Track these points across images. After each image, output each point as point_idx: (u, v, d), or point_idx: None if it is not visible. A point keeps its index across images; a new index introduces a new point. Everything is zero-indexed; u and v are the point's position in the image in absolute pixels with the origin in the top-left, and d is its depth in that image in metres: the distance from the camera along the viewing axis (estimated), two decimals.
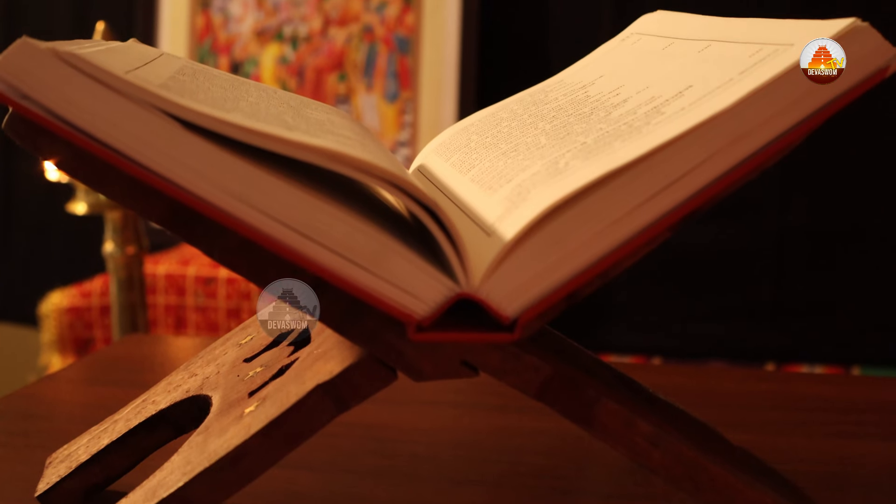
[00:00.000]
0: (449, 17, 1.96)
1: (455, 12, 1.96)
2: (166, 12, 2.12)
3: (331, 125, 0.57)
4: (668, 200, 0.49)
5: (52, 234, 2.27)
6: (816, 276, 1.91)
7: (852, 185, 1.88)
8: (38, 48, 0.46)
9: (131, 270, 1.45)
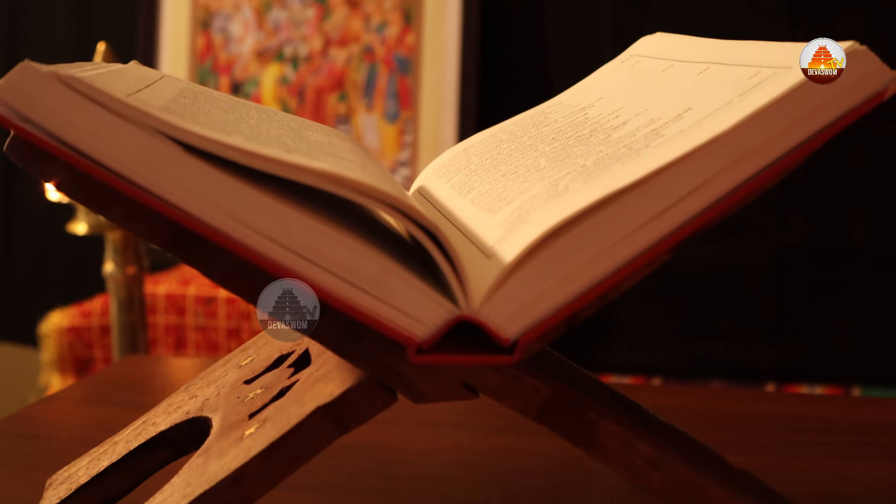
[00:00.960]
0: (449, 37, 1.97)
1: (455, 33, 1.96)
2: (167, 32, 2.12)
3: (331, 147, 0.58)
4: (668, 223, 0.49)
5: (53, 254, 2.27)
6: (816, 296, 1.91)
7: (852, 204, 1.88)
8: (40, 72, 0.46)
9: (131, 290, 1.45)
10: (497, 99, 1.99)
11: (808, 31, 1.78)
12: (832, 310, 1.90)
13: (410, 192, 0.67)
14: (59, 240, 1.93)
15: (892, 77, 0.49)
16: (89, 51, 1.45)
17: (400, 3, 2.01)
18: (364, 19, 2.03)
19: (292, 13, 2.07)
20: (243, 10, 2.09)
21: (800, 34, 1.79)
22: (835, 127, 0.49)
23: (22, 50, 2.28)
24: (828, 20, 1.79)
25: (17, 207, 2.31)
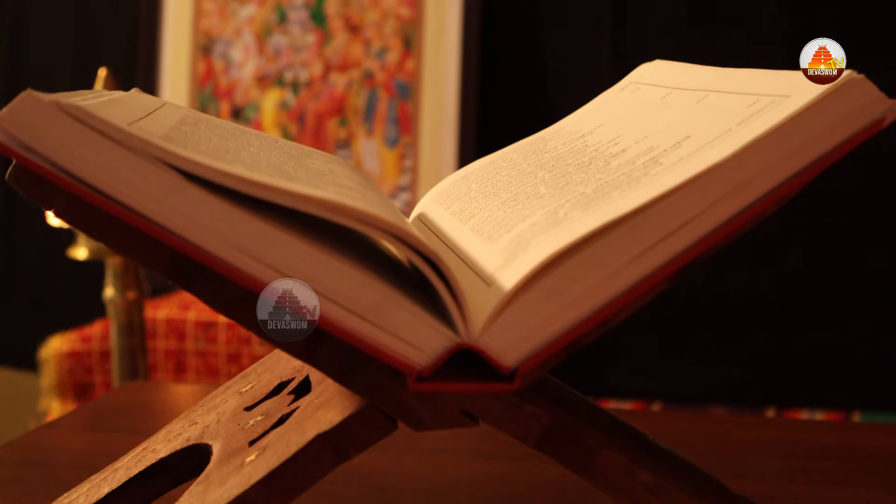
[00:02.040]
0: (449, 63, 1.98)
1: (455, 58, 1.97)
2: (168, 58, 2.13)
3: (332, 175, 0.58)
4: (667, 251, 0.49)
5: (53, 279, 2.27)
6: (817, 320, 1.91)
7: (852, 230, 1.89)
8: (42, 101, 0.46)
9: (132, 315, 1.45)
10: (497, 124, 1.99)
11: None
12: (833, 334, 1.90)
13: (410, 218, 0.68)
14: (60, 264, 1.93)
15: (890, 106, 0.49)
16: (90, 76, 1.45)
17: (400, 28, 2.02)
18: (364, 45, 2.04)
19: (293, 39, 2.08)
20: (244, 35, 2.10)
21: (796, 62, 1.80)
22: (833, 156, 0.49)
23: (23, 74, 2.28)
24: None
25: (17, 232, 2.31)
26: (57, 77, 2.26)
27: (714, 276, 1.87)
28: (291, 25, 2.08)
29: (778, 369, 1.91)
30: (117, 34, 2.22)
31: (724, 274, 1.87)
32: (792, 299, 1.91)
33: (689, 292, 1.87)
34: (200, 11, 2.13)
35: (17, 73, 2.30)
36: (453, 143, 1.96)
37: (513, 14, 2.00)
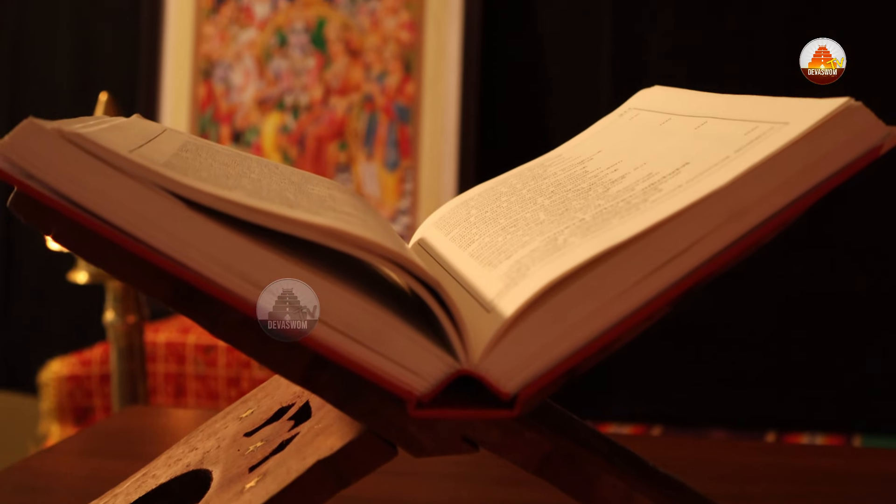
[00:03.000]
0: (449, 86, 1.98)
1: (455, 82, 1.98)
2: (169, 81, 2.14)
3: (332, 201, 0.58)
4: (666, 277, 0.49)
5: (53, 303, 2.27)
6: (817, 343, 1.91)
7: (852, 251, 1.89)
8: (44, 128, 0.47)
9: (132, 339, 1.45)
10: (496, 148, 2.00)
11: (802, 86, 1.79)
12: (833, 357, 1.90)
13: (410, 244, 0.68)
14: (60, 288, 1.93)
15: (888, 132, 0.50)
16: (91, 100, 1.46)
17: (400, 52, 2.02)
18: (364, 68, 2.04)
19: (293, 62, 2.08)
20: (244, 59, 2.11)
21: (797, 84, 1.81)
22: (831, 182, 0.49)
23: (24, 98, 2.29)
24: None
25: (17, 256, 2.31)
26: (57, 100, 2.26)
27: (715, 300, 1.87)
28: (292, 49, 2.09)
29: (778, 393, 1.91)
30: (118, 58, 2.23)
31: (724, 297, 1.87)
32: (792, 322, 1.91)
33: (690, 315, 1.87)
34: (201, 36, 2.13)
35: (17, 96, 2.31)
36: (453, 166, 1.96)
37: (512, 38, 2.01)
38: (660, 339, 1.88)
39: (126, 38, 2.21)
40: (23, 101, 2.29)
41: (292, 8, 2.10)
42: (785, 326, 1.91)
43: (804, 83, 1.82)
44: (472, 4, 1.98)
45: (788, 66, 1.81)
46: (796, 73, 1.68)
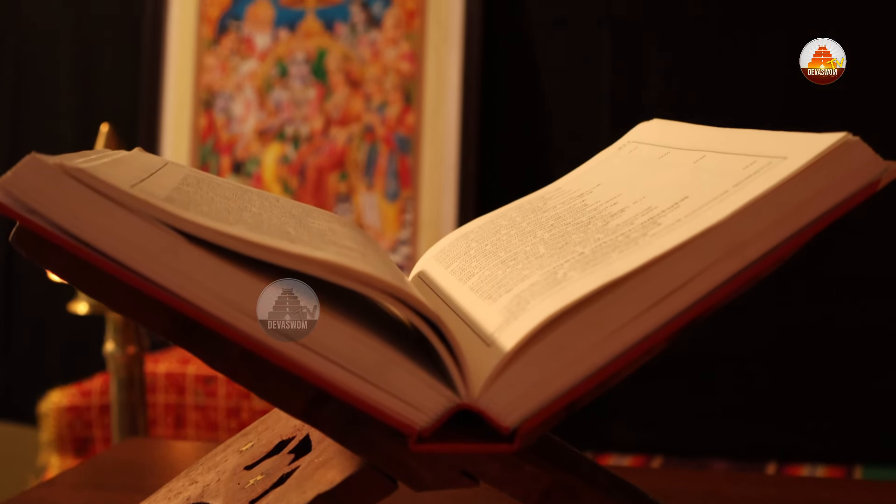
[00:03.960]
0: (449, 117, 1.99)
1: (455, 113, 1.98)
2: (169, 112, 2.14)
3: (332, 235, 0.58)
4: (666, 311, 0.49)
5: (53, 333, 2.27)
6: (818, 373, 1.90)
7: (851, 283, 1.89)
8: (47, 164, 0.47)
9: (132, 370, 1.45)
10: (496, 178, 2.00)
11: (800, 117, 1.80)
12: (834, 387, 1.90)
13: (410, 276, 0.68)
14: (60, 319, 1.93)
15: (885, 167, 0.50)
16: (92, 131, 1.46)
17: (400, 83, 2.03)
18: (365, 99, 2.05)
19: (294, 93, 2.09)
20: (245, 90, 2.11)
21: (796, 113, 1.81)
22: (829, 217, 0.50)
23: (25, 128, 2.30)
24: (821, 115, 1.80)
25: (17, 286, 2.31)
26: (59, 130, 2.27)
27: (714, 330, 1.87)
28: (292, 80, 2.09)
29: (779, 423, 1.91)
30: (119, 88, 2.24)
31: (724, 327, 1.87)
32: (793, 352, 1.91)
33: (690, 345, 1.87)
34: (202, 66, 2.14)
35: (19, 126, 2.31)
36: (453, 196, 1.97)
37: (513, 70, 2.01)
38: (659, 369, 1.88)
39: (127, 69, 2.21)
40: (24, 131, 2.30)
41: (293, 39, 2.11)
42: (785, 356, 1.91)
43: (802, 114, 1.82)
44: (472, 36, 1.99)
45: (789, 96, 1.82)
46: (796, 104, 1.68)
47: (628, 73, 1.95)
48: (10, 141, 2.31)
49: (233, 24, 2.13)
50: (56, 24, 2.27)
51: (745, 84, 1.90)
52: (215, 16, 2.14)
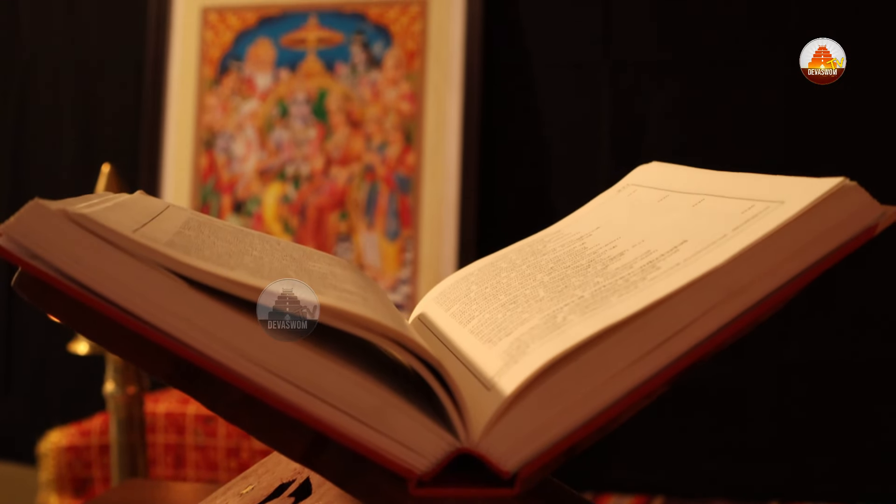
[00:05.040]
0: (449, 157, 1.99)
1: (455, 153, 1.99)
2: (171, 151, 2.15)
3: (333, 278, 0.59)
4: (665, 355, 0.50)
5: (53, 373, 2.27)
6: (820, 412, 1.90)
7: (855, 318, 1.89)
8: (50, 210, 0.47)
9: (132, 410, 1.45)
10: (497, 218, 2.01)
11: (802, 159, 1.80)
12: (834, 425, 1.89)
13: (411, 318, 0.68)
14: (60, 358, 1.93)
15: (883, 212, 0.50)
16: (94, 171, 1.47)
17: (401, 123, 2.04)
18: (365, 139, 2.06)
19: (294, 133, 2.10)
20: (246, 130, 2.12)
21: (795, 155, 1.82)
22: (827, 261, 0.50)
23: (27, 167, 2.30)
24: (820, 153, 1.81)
25: (18, 325, 2.31)
26: (60, 169, 2.27)
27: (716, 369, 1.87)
28: (293, 120, 2.10)
29: (781, 463, 1.90)
30: (121, 127, 2.25)
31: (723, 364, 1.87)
32: (794, 391, 1.91)
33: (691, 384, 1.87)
34: (203, 106, 2.15)
35: (20, 165, 2.32)
36: (453, 236, 1.97)
37: (512, 110, 2.02)
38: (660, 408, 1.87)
39: (129, 108, 2.22)
40: (26, 170, 2.30)
41: (294, 79, 2.12)
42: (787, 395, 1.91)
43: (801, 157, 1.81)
44: (472, 76, 2.00)
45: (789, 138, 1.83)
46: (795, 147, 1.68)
47: (628, 115, 1.96)
48: (11, 179, 2.31)
49: (234, 64, 2.14)
50: (58, 63, 2.29)
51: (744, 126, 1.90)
52: (216, 56, 2.16)
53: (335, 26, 2.10)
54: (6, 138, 2.33)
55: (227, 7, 2.17)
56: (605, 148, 1.95)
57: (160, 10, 2.18)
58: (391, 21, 2.09)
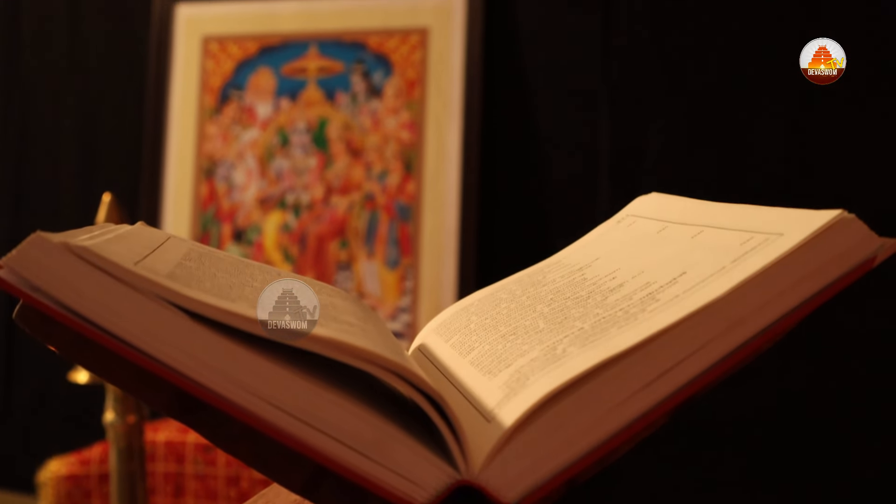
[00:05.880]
0: (449, 185, 2.00)
1: (455, 181, 2.00)
2: (171, 180, 2.16)
3: (333, 309, 0.59)
4: (665, 387, 0.50)
5: (53, 402, 2.27)
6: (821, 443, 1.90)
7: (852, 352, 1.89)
8: (52, 242, 0.47)
9: (131, 439, 1.45)
10: (497, 246, 2.01)
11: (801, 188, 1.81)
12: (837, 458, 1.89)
13: (411, 349, 0.68)
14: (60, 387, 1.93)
15: (881, 244, 0.50)
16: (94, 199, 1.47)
17: (401, 152, 2.04)
18: (365, 168, 2.06)
19: (295, 162, 2.10)
20: (247, 158, 2.13)
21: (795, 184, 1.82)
22: (826, 293, 0.50)
23: (28, 196, 2.31)
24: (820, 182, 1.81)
25: (18, 354, 2.31)
26: (61, 199, 2.28)
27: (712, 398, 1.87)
28: (293, 149, 2.11)
29: (782, 493, 1.90)
30: (121, 156, 2.25)
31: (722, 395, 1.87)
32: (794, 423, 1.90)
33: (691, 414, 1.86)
34: (204, 135, 2.16)
35: (21, 195, 2.33)
36: (453, 264, 1.97)
37: (512, 138, 2.03)
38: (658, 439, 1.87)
39: (130, 137, 2.23)
40: (27, 200, 2.31)
41: (294, 108, 2.12)
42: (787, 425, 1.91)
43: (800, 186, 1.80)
44: (472, 105, 2.01)
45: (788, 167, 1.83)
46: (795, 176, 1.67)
47: (628, 144, 1.96)
48: (12, 208, 2.32)
49: (235, 93, 2.15)
50: (59, 92, 2.29)
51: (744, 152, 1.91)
52: (217, 85, 2.16)
53: (335, 55, 2.11)
54: (7, 165, 2.34)
55: (228, 36, 2.19)
56: (605, 175, 1.96)
57: (161, 39, 2.19)
58: (391, 50, 2.10)
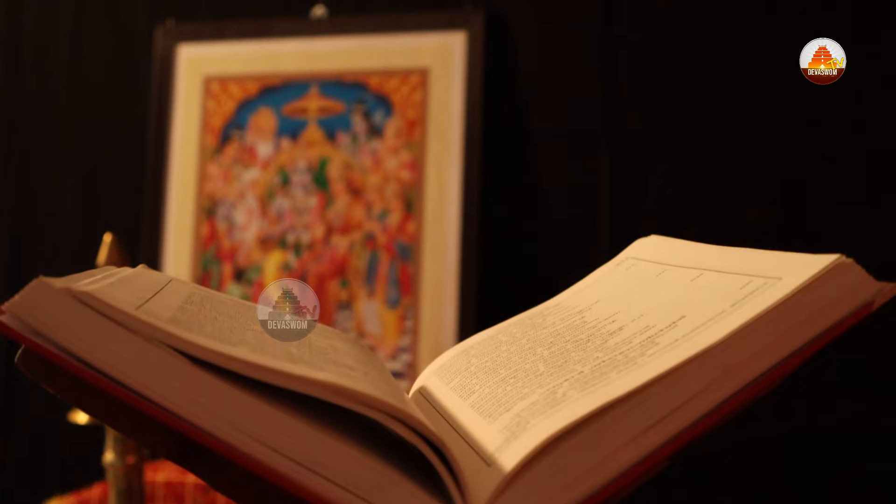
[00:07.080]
0: (450, 225, 2.00)
1: (455, 221, 2.00)
2: (172, 219, 2.16)
3: (334, 353, 0.59)
4: (665, 432, 0.50)
5: (52, 442, 2.26)
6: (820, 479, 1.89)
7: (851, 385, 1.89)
8: (54, 288, 0.48)
9: (131, 480, 1.44)
10: (497, 287, 2.01)
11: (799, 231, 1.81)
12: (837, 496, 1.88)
13: (411, 392, 0.68)
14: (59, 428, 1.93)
15: (879, 289, 0.50)
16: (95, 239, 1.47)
17: (401, 191, 2.05)
18: (366, 207, 2.07)
19: (295, 202, 2.11)
20: (247, 198, 2.13)
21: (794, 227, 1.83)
22: (825, 338, 0.50)
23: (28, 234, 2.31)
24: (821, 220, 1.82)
25: (17, 394, 2.31)
26: (61, 238, 2.28)
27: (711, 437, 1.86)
28: (294, 188, 2.11)
29: None
30: (122, 196, 2.26)
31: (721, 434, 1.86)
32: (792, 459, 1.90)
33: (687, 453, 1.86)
34: (205, 175, 2.17)
35: (21, 233, 2.33)
36: (454, 304, 1.97)
37: (512, 179, 2.03)
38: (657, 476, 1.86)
39: (130, 177, 2.24)
40: (27, 238, 2.31)
41: (295, 148, 2.13)
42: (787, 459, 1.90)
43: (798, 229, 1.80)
44: (472, 145, 2.01)
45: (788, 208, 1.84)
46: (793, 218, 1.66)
47: (627, 186, 1.97)
48: (12, 247, 2.32)
49: (236, 133, 2.16)
50: (60, 131, 2.30)
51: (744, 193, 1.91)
52: (218, 125, 2.17)
53: (336, 96, 2.12)
54: (7, 205, 2.34)
55: (229, 77, 2.20)
56: (605, 217, 1.96)
57: (162, 79, 2.20)
58: (392, 91, 2.11)
